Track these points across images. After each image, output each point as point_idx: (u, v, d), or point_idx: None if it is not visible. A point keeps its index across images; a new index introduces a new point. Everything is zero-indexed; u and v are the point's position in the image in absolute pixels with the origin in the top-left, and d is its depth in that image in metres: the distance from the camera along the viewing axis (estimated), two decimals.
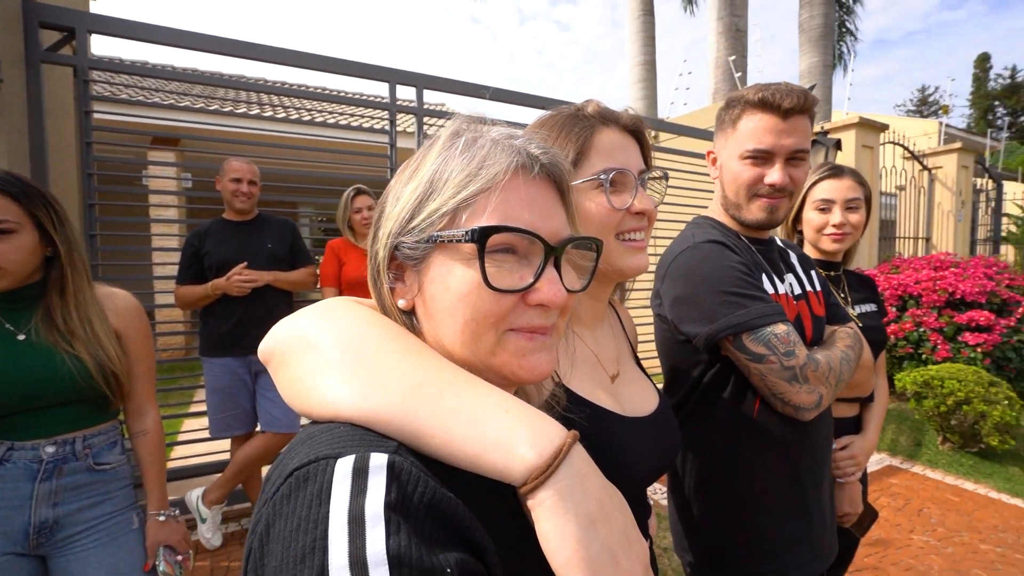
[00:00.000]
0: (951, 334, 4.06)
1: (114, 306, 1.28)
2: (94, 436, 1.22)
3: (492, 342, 0.46)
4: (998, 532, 2.84)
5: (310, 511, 0.33)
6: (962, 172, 7.12)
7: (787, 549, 0.99)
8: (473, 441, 0.39)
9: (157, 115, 4.55)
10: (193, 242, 2.49)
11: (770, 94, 0.99)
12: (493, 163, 0.45)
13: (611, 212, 0.72)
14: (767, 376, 0.90)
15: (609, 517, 0.39)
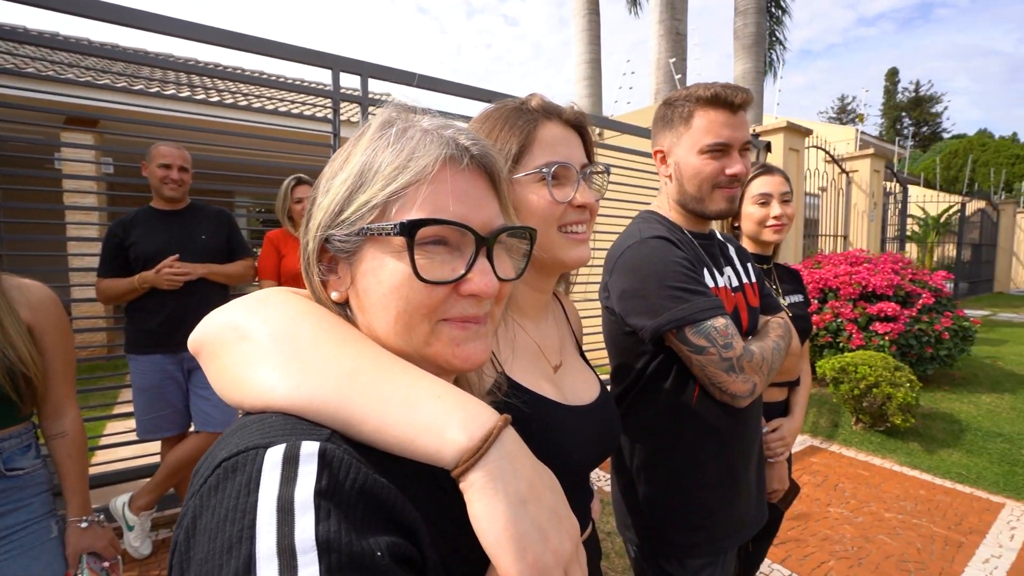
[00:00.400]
0: (864, 324, 4.44)
1: (26, 299, 1.18)
2: (4, 440, 1.13)
3: (426, 332, 0.47)
4: (900, 501, 3.15)
5: (238, 501, 0.33)
6: (874, 176, 7.77)
7: (719, 522, 1.06)
8: (405, 426, 0.39)
9: (71, 92, 4.17)
10: (117, 232, 2.31)
11: (722, 91, 1.05)
12: (422, 155, 0.45)
13: (553, 205, 0.74)
14: (707, 367, 0.96)
15: (539, 496, 0.41)
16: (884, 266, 4.71)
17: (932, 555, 2.59)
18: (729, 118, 1.05)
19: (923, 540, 2.72)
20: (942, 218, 13.31)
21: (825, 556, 2.57)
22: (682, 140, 1.09)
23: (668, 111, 1.11)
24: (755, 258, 1.63)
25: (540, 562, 0.38)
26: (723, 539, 1.06)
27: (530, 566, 0.37)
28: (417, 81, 3.41)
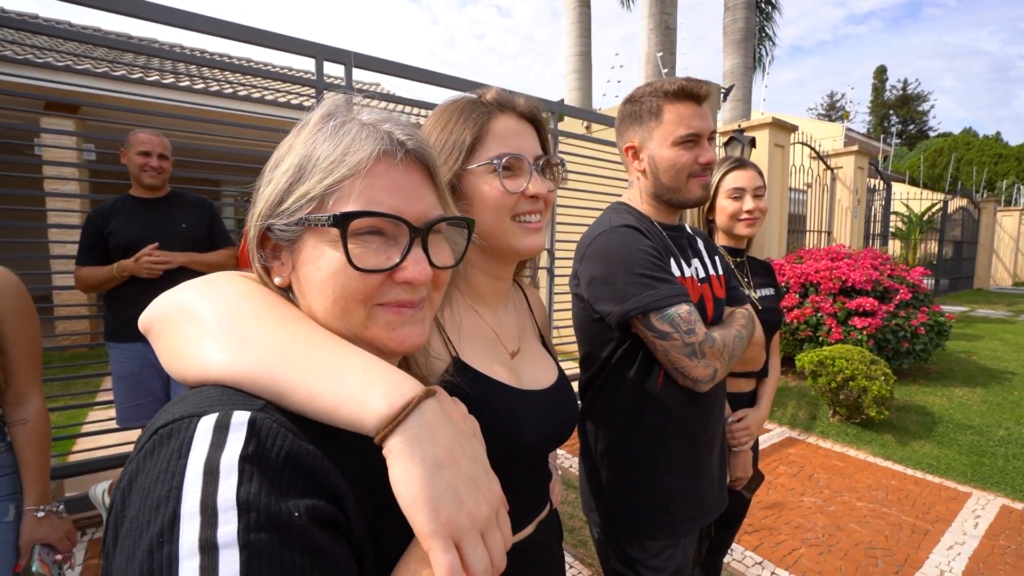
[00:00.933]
0: (843, 318, 4.53)
1: None
2: None
3: (363, 317, 0.49)
4: (871, 491, 3.24)
5: (169, 464, 0.36)
6: (858, 172, 7.87)
7: (680, 506, 1.10)
8: (332, 396, 0.42)
9: (50, 77, 4.09)
10: (96, 220, 2.30)
11: (688, 84, 1.08)
12: (357, 149, 0.48)
13: (505, 195, 0.76)
14: (670, 352, 0.99)
15: (457, 462, 0.43)
16: (864, 262, 4.80)
17: (899, 542, 2.67)
18: (696, 109, 1.08)
19: (891, 528, 2.80)
20: (925, 216, 13.52)
21: (796, 543, 2.65)
22: (654, 134, 1.11)
23: (635, 107, 1.14)
24: (728, 251, 1.66)
25: (453, 523, 0.40)
26: (683, 523, 1.10)
27: (443, 526, 0.39)
28: (401, 71, 3.40)
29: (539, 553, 0.87)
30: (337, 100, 0.53)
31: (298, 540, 0.36)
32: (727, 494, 1.27)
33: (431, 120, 0.81)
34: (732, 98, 9.07)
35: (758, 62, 12.08)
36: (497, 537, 0.43)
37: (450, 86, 3.67)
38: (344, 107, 0.52)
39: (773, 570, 2.43)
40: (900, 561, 2.51)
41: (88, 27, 8.12)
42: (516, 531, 0.82)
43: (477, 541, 0.41)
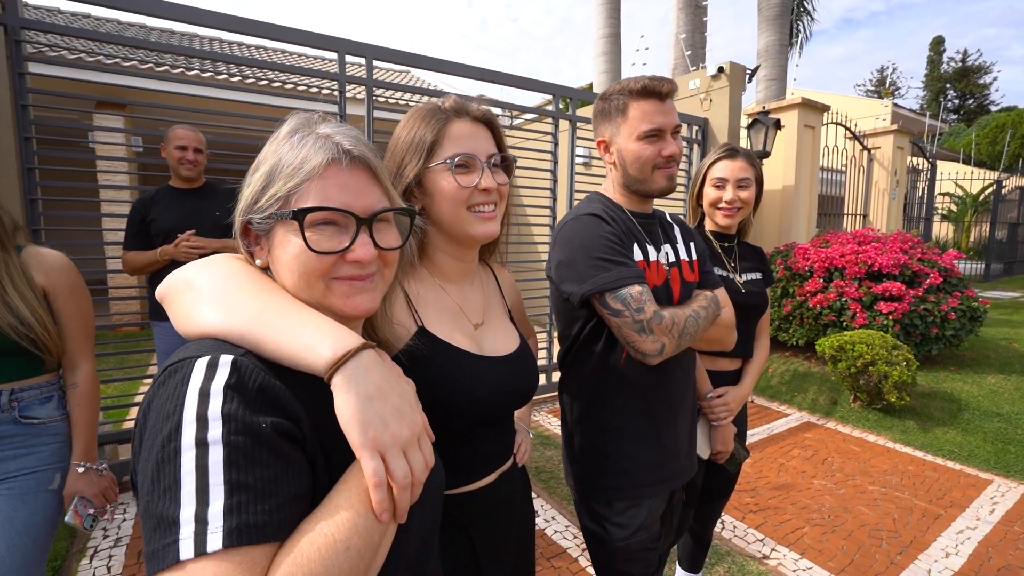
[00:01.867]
0: (868, 303, 4.43)
1: (40, 265, 1.31)
2: (24, 390, 1.28)
3: (322, 288, 0.62)
4: (886, 475, 3.23)
5: (175, 390, 0.50)
6: (898, 153, 7.54)
7: (641, 470, 1.20)
8: (293, 346, 0.55)
9: (101, 77, 4.41)
10: (139, 209, 2.53)
11: (650, 83, 1.16)
12: (312, 157, 0.61)
13: (459, 190, 0.87)
14: (622, 328, 1.09)
15: (385, 396, 0.55)
16: (892, 245, 4.66)
17: (907, 525, 2.68)
18: (659, 106, 1.16)
19: (901, 511, 2.81)
20: (980, 196, 12.76)
21: (801, 523, 2.69)
22: (621, 130, 1.20)
23: (605, 105, 1.23)
24: (717, 236, 1.72)
25: (379, 439, 0.52)
26: (645, 486, 1.20)
27: (371, 440, 0.52)
28: (419, 62, 3.51)
29: (499, 501, 0.99)
30: (301, 117, 0.66)
31: (264, 443, 0.49)
32: (695, 462, 1.36)
33: (402, 123, 0.93)
34: (765, 78, 8.79)
35: (795, 38, 11.59)
36: (417, 455, 0.55)
37: (466, 75, 3.76)
38: (305, 123, 0.65)
39: (774, 547, 2.49)
40: (905, 543, 2.53)
41: (135, 24, 8.55)
42: (476, 479, 0.95)
43: (399, 455, 0.53)
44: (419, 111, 0.91)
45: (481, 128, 0.92)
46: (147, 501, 0.47)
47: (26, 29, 2.54)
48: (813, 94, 14.38)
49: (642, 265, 1.18)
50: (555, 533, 2.57)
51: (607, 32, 10.30)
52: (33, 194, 2.61)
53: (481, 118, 0.92)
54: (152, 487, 0.46)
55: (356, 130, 0.67)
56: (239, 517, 0.45)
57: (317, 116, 0.67)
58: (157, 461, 0.46)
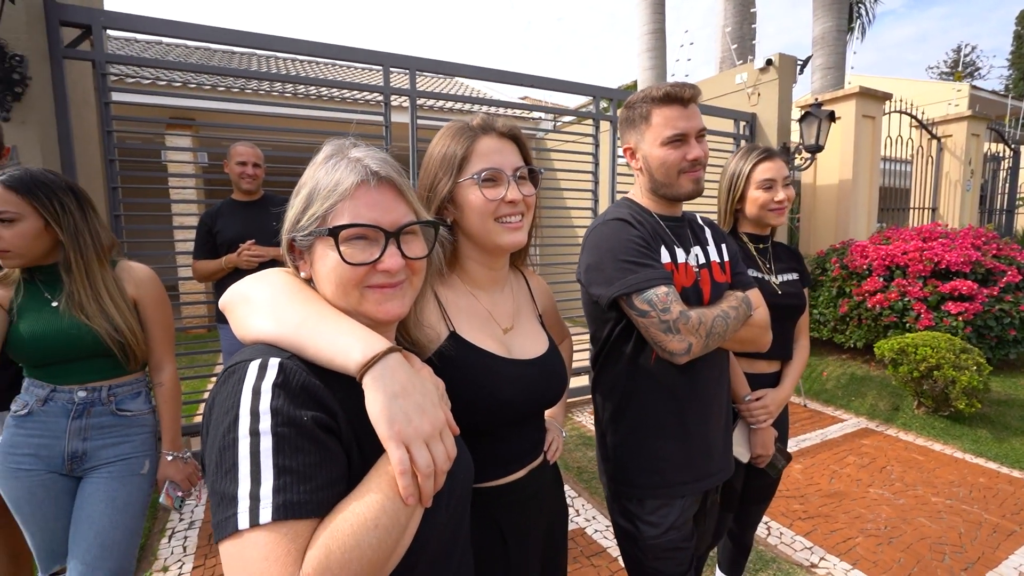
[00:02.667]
0: (934, 303, 4.16)
1: (131, 278, 1.49)
2: (119, 386, 1.46)
3: (357, 296, 0.70)
4: (952, 487, 3.03)
5: (233, 388, 0.59)
6: (972, 140, 6.99)
7: (672, 470, 1.22)
8: (329, 350, 0.63)
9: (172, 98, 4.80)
10: (206, 221, 2.76)
11: (672, 90, 1.19)
12: (344, 180, 0.68)
13: (486, 203, 0.93)
14: (649, 328, 1.11)
15: (408, 394, 0.61)
16: (963, 241, 4.35)
17: (975, 540, 2.51)
18: (682, 112, 1.18)
19: (968, 526, 2.64)
20: None
21: (854, 533, 2.58)
22: (645, 136, 1.23)
23: (630, 112, 1.25)
24: (751, 238, 1.70)
25: (403, 432, 0.59)
26: (677, 485, 1.21)
27: (397, 433, 0.58)
28: (459, 71, 3.62)
29: (529, 495, 1.04)
30: (336, 143, 0.75)
31: (306, 433, 0.56)
32: (730, 463, 1.36)
33: (435, 140, 1.00)
34: (821, 67, 8.36)
35: (855, 21, 10.92)
36: (439, 447, 0.61)
37: (507, 81, 3.84)
38: (339, 149, 0.73)
39: (823, 555, 2.41)
40: (971, 559, 2.37)
41: (200, 47, 9.21)
42: (506, 474, 1.00)
43: (422, 446, 0.60)
44: (449, 129, 0.98)
45: (507, 143, 0.97)
46: (212, 481, 0.56)
47: (110, 63, 2.82)
48: (876, 81, 13.53)
49: (670, 268, 1.20)
50: (595, 532, 2.59)
51: (652, 28, 10.13)
52: (117, 210, 2.90)
53: (507, 133, 0.97)
54: (216, 469, 0.55)
55: (384, 153, 0.75)
56: (285, 495, 0.52)
57: (350, 141, 0.75)
58: (220, 448, 0.55)
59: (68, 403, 1.39)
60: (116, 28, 2.76)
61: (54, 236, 1.37)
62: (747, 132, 5.25)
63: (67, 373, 1.40)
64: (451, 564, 0.75)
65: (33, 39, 2.47)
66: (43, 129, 2.51)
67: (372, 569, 0.55)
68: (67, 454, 1.39)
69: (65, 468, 1.40)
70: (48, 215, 1.34)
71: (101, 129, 2.84)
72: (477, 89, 11.31)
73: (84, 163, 2.92)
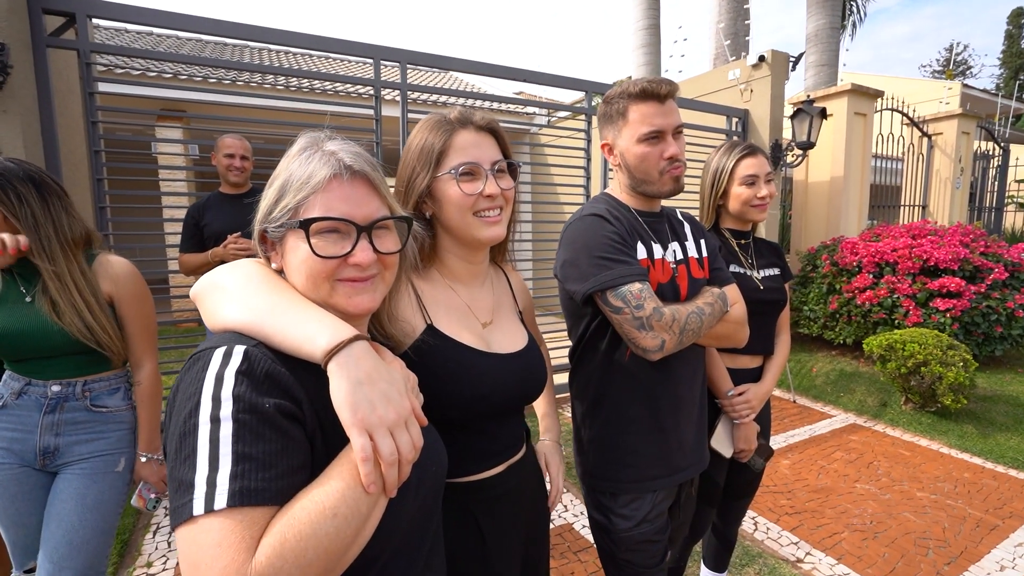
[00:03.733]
0: (923, 300, 4.19)
1: (108, 273, 1.42)
2: (95, 382, 1.42)
3: (328, 289, 0.69)
4: (937, 482, 3.06)
5: (197, 374, 0.58)
6: (962, 138, 7.03)
7: (645, 464, 1.22)
8: (296, 337, 0.62)
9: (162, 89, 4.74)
10: (193, 214, 2.73)
11: (648, 85, 1.18)
12: (317, 173, 0.67)
13: (464, 197, 0.92)
14: (623, 324, 1.11)
15: (373, 382, 0.60)
16: (951, 238, 4.38)
17: (958, 535, 2.54)
18: (658, 108, 1.17)
19: (952, 520, 2.66)
20: None
21: (840, 528, 2.60)
22: (622, 132, 1.22)
23: (607, 108, 1.24)
24: (733, 234, 1.70)
25: (367, 420, 0.58)
26: (649, 480, 1.22)
27: (360, 420, 0.57)
28: (450, 64, 3.60)
29: (508, 491, 1.03)
30: (310, 136, 0.74)
31: (267, 421, 0.56)
32: (705, 457, 1.36)
33: (412, 133, 0.99)
34: (814, 64, 8.38)
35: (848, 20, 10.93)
36: (404, 436, 0.60)
37: (499, 75, 3.82)
38: (314, 142, 0.72)
39: (809, 551, 2.43)
40: (954, 553, 2.40)
41: (191, 39, 9.11)
42: (484, 469, 1.00)
43: (385, 435, 0.58)
44: (427, 123, 0.96)
45: (485, 136, 0.96)
46: (172, 466, 0.55)
47: (95, 52, 2.78)
48: (869, 78, 13.57)
49: (646, 263, 1.20)
50: (583, 528, 2.59)
51: (646, 24, 10.09)
52: (102, 202, 2.87)
53: (485, 127, 0.96)
54: (176, 455, 0.54)
55: (358, 146, 0.74)
56: (242, 482, 0.52)
57: (325, 134, 0.74)
58: (180, 433, 0.55)
59: (41, 397, 1.37)
60: (101, 16, 2.71)
61: (14, 228, 1.30)
62: (739, 128, 5.26)
63: (43, 368, 1.37)
64: (419, 556, 0.74)
65: (15, 27, 2.42)
66: (25, 119, 2.47)
67: (329, 558, 0.54)
68: (39, 449, 1.36)
69: (38, 463, 1.38)
70: (2, 207, 1.28)
71: (86, 120, 2.80)
72: (470, 83, 11.25)
73: (68, 154, 2.88)
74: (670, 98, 1.18)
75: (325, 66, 9.67)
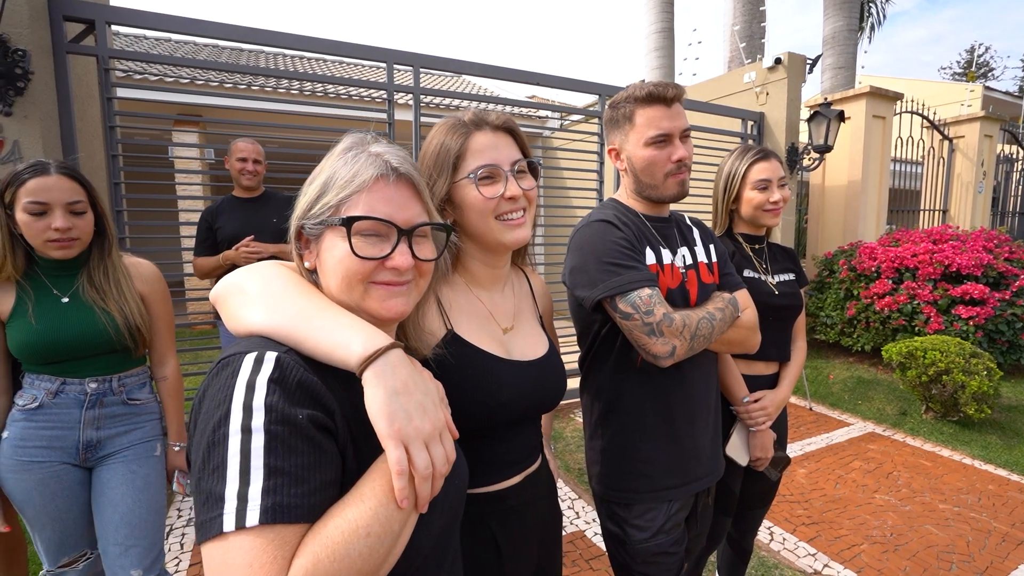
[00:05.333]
0: (944, 307, 4.09)
1: (138, 273, 1.54)
2: (127, 377, 1.50)
3: (361, 291, 0.67)
4: (960, 494, 2.97)
5: (226, 381, 0.56)
6: (985, 141, 6.88)
7: (660, 473, 1.19)
8: (329, 344, 0.60)
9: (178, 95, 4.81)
10: (207, 217, 2.75)
11: (655, 89, 1.16)
12: (363, 172, 0.66)
13: (485, 201, 0.89)
14: (633, 331, 1.08)
15: (410, 392, 0.59)
16: (974, 244, 4.27)
17: (983, 549, 2.46)
18: (665, 111, 1.15)
19: (976, 534, 2.58)
20: None
21: (859, 540, 2.53)
22: (629, 137, 1.20)
23: (614, 113, 1.23)
24: (747, 239, 1.67)
25: (403, 431, 0.56)
26: (664, 489, 1.18)
27: (396, 432, 0.56)
28: (463, 68, 3.60)
29: (523, 502, 1.01)
30: (356, 136, 0.73)
31: (300, 433, 0.54)
32: (720, 465, 1.32)
33: (428, 138, 0.97)
34: (831, 67, 8.26)
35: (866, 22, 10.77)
36: (438, 449, 0.59)
37: (512, 79, 3.81)
38: (360, 142, 0.71)
39: (827, 563, 2.36)
40: (979, 568, 2.32)
41: (207, 44, 9.25)
42: (501, 479, 0.98)
43: (421, 447, 0.57)
44: (441, 127, 0.94)
45: (502, 136, 0.93)
46: (199, 478, 0.52)
47: (114, 58, 2.83)
48: (888, 81, 13.35)
49: (655, 269, 1.17)
50: (595, 536, 2.56)
51: (660, 27, 10.05)
52: (120, 206, 2.90)
53: (501, 126, 0.93)
54: (203, 465, 0.52)
55: (404, 150, 0.73)
56: (275, 498, 0.50)
57: (371, 136, 0.73)
58: (208, 443, 0.52)
59: (80, 394, 1.42)
60: (120, 23, 2.76)
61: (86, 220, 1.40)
62: (755, 132, 5.19)
63: (80, 368, 1.42)
64: (441, 572, 0.73)
65: (36, 34, 2.47)
66: (45, 124, 2.51)
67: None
68: (82, 443, 1.42)
69: (79, 458, 1.42)
70: (98, 203, 1.42)
71: (104, 124, 2.84)
72: (483, 87, 11.29)
73: (87, 158, 2.92)
74: (677, 101, 1.17)
75: (338, 71, 9.77)
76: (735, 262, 1.60)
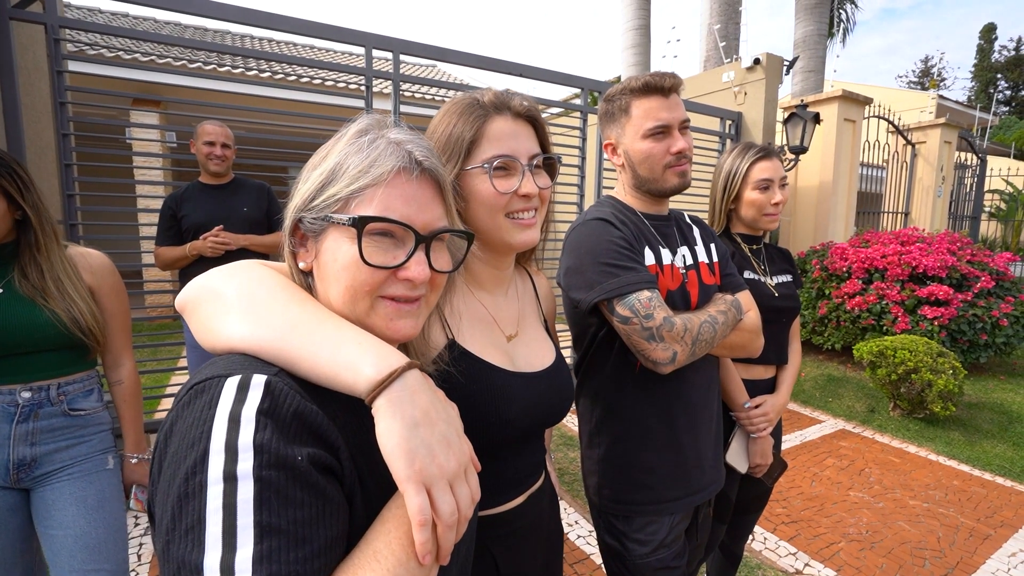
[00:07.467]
0: (911, 307, 4.22)
1: (87, 264, 1.36)
2: (69, 384, 1.32)
3: (367, 306, 0.56)
4: (929, 489, 3.07)
5: (201, 413, 0.44)
6: (945, 147, 7.16)
7: (662, 484, 1.13)
8: (332, 364, 0.49)
9: (137, 72, 4.50)
10: (170, 205, 2.56)
11: (652, 79, 1.10)
12: (382, 163, 0.55)
13: (497, 196, 0.80)
14: (631, 335, 1.02)
15: (432, 423, 0.49)
16: (939, 246, 4.42)
17: (953, 544, 2.53)
18: (663, 102, 1.10)
19: (946, 530, 2.66)
20: None
21: (836, 538, 2.57)
22: (626, 130, 1.14)
23: (609, 106, 1.16)
24: (744, 239, 1.63)
25: (425, 472, 0.46)
26: (666, 501, 1.13)
27: (417, 473, 0.46)
28: (446, 56, 3.48)
29: (527, 522, 0.93)
30: (372, 118, 0.61)
31: (299, 478, 0.43)
32: (722, 474, 1.28)
33: (437, 117, 0.86)
34: (802, 70, 8.46)
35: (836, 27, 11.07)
36: (464, 489, 0.49)
37: (493, 68, 3.71)
38: (377, 124, 0.60)
39: (807, 562, 2.39)
40: (951, 564, 2.39)
41: (169, 21, 8.76)
42: (505, 501, 0.89)
43: (445, 489, 0.47)
44: (456, 105, 0.83)
45: (523, 125, 0.83)
46: (166, 540, 0.41)
47: (65, 28, 2.59)
48: (851, 87, 13.79)
49: (655, 269, 1.12)
50: (578, 538, 2.51)
51: (637, 24, 10.07)
52: (71, 189, 2.68)
53: (524, 114, 0.83)
54: (173, 524, 0.41)
55: (428, 141, 0.62)
56: (270, 567, 0.39)
57: (390, 120, 0.62)
58: (180, 495, 0.41)
59: (10, 405, 1.24)
60: None
61: (12, 216, 1.25)
62: (732, 131, 5.24)
63: (16, 369, 1.24)
64: None
65: None
66: None
67: None
68: (12, 462, 1.24)
69: (10, 479, 1.25)
70: (15, 193, 1.24)
71: (54, 101, 2.60)
72: (460, 78, 11.10)
73: (33, 136, 2.68)
74: (674, 91, 1.11)
75: (312, 56, 9.41)
76: (735, 263, 1.56)
